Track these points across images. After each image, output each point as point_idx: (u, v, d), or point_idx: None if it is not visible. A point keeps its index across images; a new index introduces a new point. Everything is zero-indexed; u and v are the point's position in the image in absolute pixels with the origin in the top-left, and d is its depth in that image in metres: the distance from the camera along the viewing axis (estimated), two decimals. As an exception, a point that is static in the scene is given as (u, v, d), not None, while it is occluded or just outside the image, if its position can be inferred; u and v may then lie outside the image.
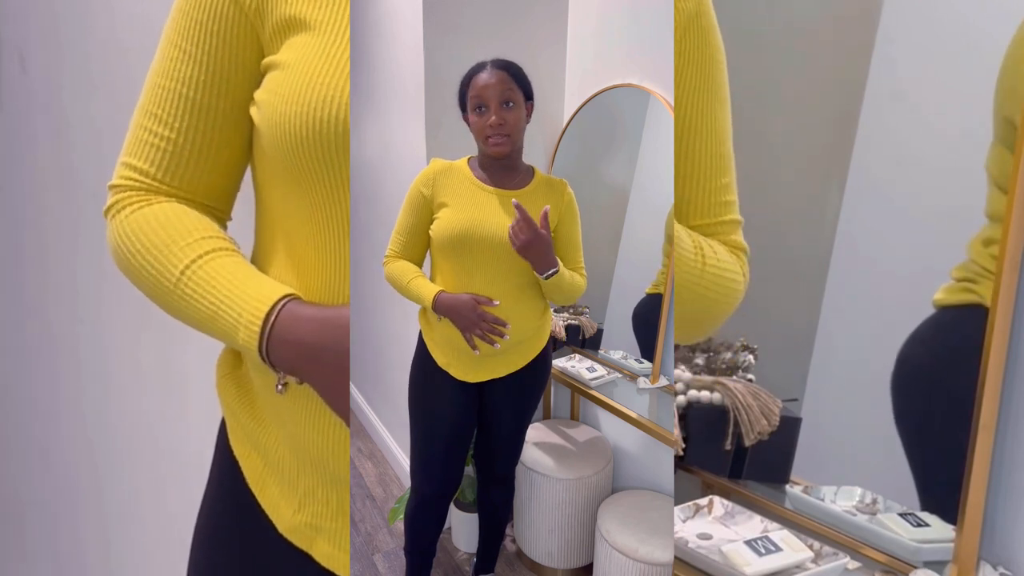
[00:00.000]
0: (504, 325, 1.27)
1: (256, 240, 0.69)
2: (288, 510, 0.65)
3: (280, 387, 0.56)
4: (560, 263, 1.27)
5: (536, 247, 1.21)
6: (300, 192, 0.58)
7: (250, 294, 0.54)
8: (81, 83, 1.13)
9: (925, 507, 0.94)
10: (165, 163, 0.60)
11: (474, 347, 1.28)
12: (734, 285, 0.64)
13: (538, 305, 1.37)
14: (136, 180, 0.61)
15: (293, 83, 0.55)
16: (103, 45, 1.11)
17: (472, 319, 1.26)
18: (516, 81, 1.27)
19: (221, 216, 0.68)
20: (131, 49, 1.08)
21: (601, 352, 1.93)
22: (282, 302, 0.54)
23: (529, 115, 1.33)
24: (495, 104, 1.25)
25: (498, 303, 1.28)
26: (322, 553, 0.64)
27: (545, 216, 1.19)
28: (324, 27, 0.57)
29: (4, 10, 1.14)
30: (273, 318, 0.53)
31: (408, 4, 1.83)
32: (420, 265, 1.41)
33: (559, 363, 1.94)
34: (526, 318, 1.35)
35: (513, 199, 1.23)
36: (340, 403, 0.54)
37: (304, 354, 0.53)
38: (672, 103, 1.23)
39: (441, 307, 1.29)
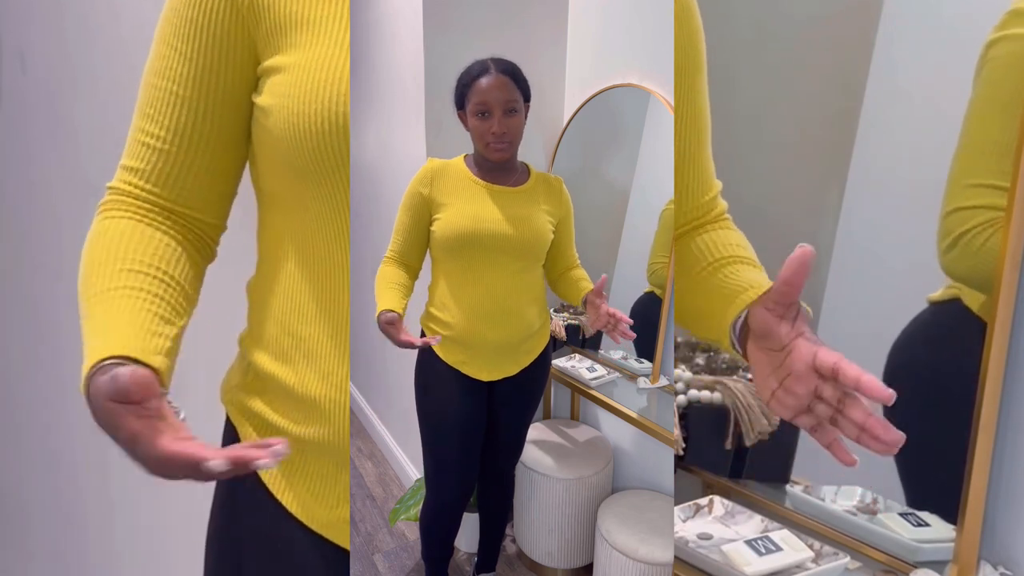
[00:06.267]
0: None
1: (261, 244, 0.68)
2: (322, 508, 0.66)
3: None
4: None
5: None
6: (312, 189, 0.59)
7: (93, 346, 0.56)
8: (81, 83, 1.13)
9: (911, 503, 0.96)
10: (159, 163, 0.60)
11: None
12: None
13: (541, 301, 1.41)
14: (127, 184, 0.61)
15: (307, 82, 0.56)
16: (104, 45, 1.11)
17: (394, 339, 1.26)
18: (519, 86, 1.27)
19: (208, 225, 0.65)
20: (132, 48, 1.08)
21: (601, 352, 1.93)
22: (97, 366, 0.55)
23: (526, 116, 1.32)
24: (499, 112, 1.24)
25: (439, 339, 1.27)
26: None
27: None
28: (328, 23, 0.57)
29: (4, 10, 1.14)
30: (88, 382, 0.55)
31: (408, 4, 1.83)
32: (419, 263, 1.41)
33: (559, 363, 1.94)
34: (531, 313, 1.37)
35: (585, 296, 1.25)
36: (134, 455, 0.53)
37: (97, 419, 0.55)
38: (672, 103, 1.23)
39: (381, 323, 1.27)
